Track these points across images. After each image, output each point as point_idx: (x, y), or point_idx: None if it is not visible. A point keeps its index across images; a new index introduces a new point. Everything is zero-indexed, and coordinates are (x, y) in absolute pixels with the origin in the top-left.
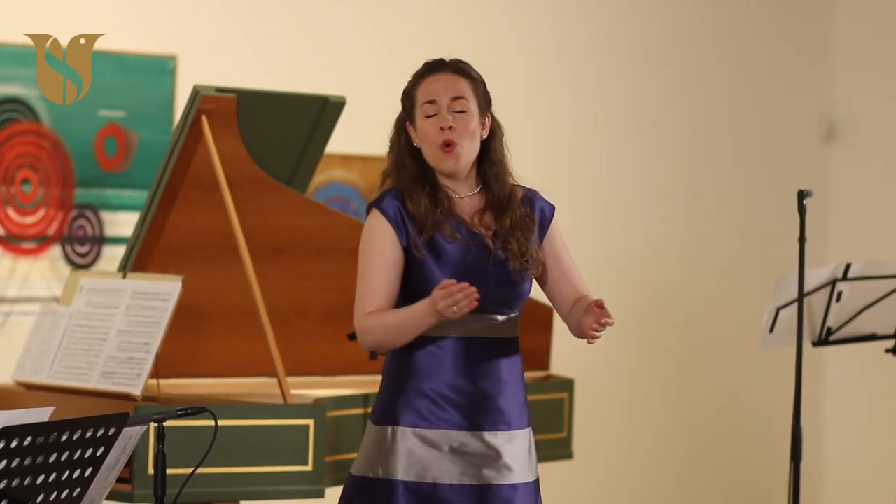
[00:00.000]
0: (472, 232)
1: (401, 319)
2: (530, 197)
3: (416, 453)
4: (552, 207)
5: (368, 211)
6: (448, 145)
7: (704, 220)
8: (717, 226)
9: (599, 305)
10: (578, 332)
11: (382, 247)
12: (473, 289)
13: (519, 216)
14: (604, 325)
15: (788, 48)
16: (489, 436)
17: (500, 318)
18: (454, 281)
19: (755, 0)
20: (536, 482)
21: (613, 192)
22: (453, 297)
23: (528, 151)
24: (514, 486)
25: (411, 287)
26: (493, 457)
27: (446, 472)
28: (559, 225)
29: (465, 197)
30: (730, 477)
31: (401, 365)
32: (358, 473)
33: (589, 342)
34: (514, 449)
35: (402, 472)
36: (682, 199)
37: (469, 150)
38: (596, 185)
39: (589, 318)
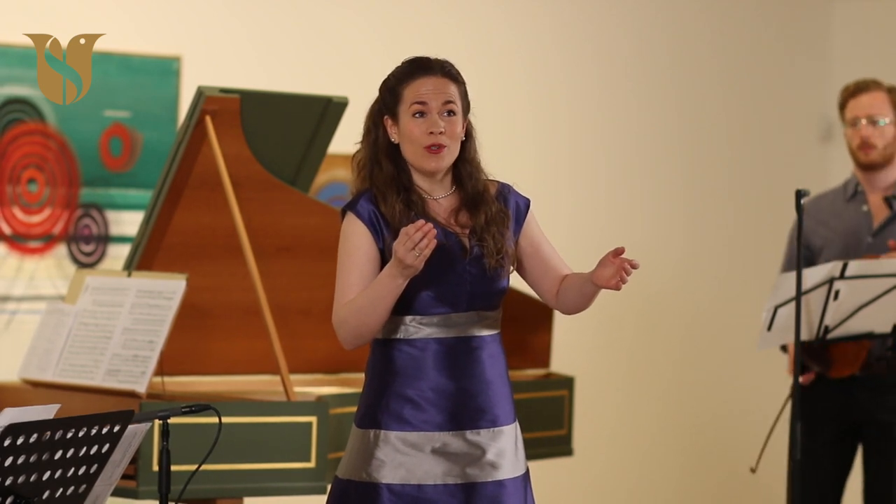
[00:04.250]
0: (447, 232)
1: (369, 294)
2: (504, 192)
3: (399, 456)
4: (527, 200)
5: (343, 215)
6: (437, 148)
7: (703, 219)
8: (716, 225)
9: (619, 253)
10: (577, 303)
11: (358, 246)
12: (429, 224)
13: (493, 212)
14: (629, 273)
15: (788, 48)
16: (472, 434)
17: (479, 315)
18: (408, 226)
19: (755, 1)
20: (525, 475)
21: (612, 192)
22: (411, 238)
23: (529, 152)
24: (500, 483)
25: None
26: (476, 455)
27: (430, 472)
28: (535, 217)
29: (440, 199)
30: (729, 474)
31: (382, 367)
32: (343, 476)
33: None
34: (499, 445)
35: (386, 475)
36: (681, 199)
37: (454, 152)
38: (595, 185)
39: (607, 270)
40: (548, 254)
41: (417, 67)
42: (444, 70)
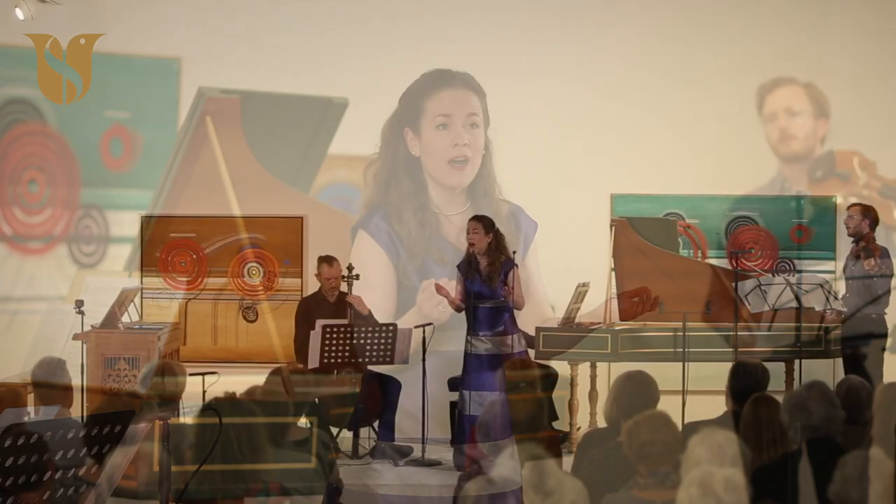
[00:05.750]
0: (458, 252)
1: None
2: (515, 213)
3: (395, 466)
4: (535, 224)
5: (355, 232)
6: (460, 163)
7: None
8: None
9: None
10: None
11: (373, 267)
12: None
13: (502, 233)
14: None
15: (787, 51)
16: (468, 447)
17: (482, 332)
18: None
19: (755, 2)
20: (521, 489)
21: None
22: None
23: (531, 154)
24: (496, 496)
25: None
26: (473, 467)
27: (426, 483)
28: (536, 248)
29: (452, 215)
30: None
31: (380, 376)
32: (338, 484)
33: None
34: (496, 459)
35: (383, 485)
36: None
37: (476, 165)
38: (594, 193)
39: (634, 307)
40: (535, 284)
41: (439, 80)
42: (465, 82)
